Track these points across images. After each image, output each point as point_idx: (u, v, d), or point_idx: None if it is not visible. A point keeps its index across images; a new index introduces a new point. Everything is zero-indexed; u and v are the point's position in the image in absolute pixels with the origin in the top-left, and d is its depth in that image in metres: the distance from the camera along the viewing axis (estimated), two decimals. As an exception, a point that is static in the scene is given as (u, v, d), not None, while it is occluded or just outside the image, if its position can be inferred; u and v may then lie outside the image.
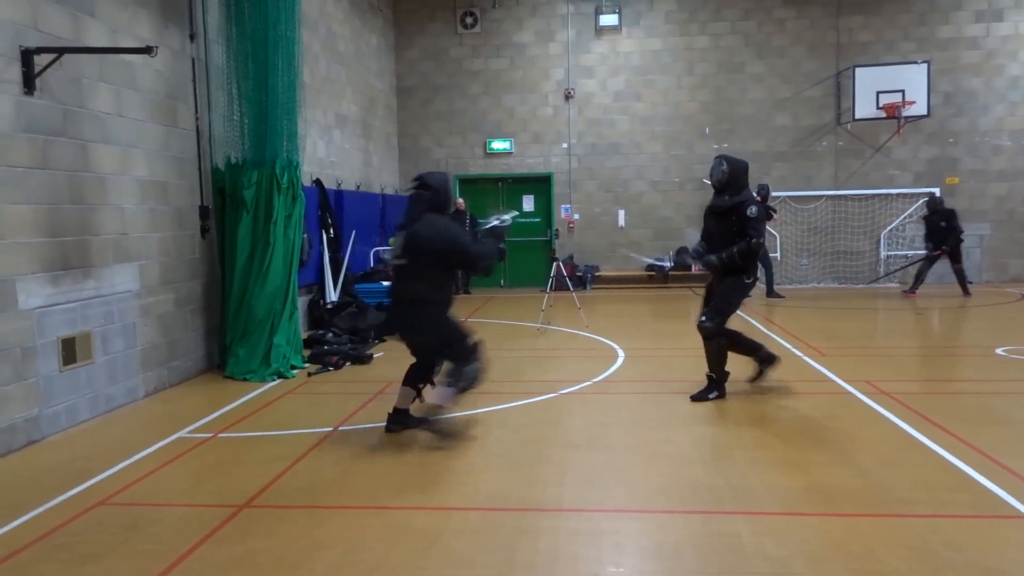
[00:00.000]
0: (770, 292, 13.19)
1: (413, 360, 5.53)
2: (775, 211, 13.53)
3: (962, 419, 5.60)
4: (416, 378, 5.50)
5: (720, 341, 6.30)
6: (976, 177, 15.06)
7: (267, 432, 5.74)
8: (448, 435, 5.27)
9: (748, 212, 6.05)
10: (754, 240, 6.03)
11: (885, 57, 14.97)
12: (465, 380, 5.21)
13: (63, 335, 5.81)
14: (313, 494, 4.41)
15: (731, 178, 6.14)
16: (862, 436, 5.30)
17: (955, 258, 13.03)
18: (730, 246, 6.08)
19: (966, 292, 13.00)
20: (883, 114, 14.47)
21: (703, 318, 6.29)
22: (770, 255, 15.15)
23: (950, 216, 12.96)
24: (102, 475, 4.77)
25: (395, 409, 5.50)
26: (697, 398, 6.33)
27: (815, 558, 3.46)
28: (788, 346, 8.47)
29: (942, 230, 12.87)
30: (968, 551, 3.50)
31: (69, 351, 5.86)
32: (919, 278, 13.37)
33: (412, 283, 5.18)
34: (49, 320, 5.67)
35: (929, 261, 13.25)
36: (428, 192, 5.26)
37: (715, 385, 6.36)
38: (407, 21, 15.73)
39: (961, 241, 13.04)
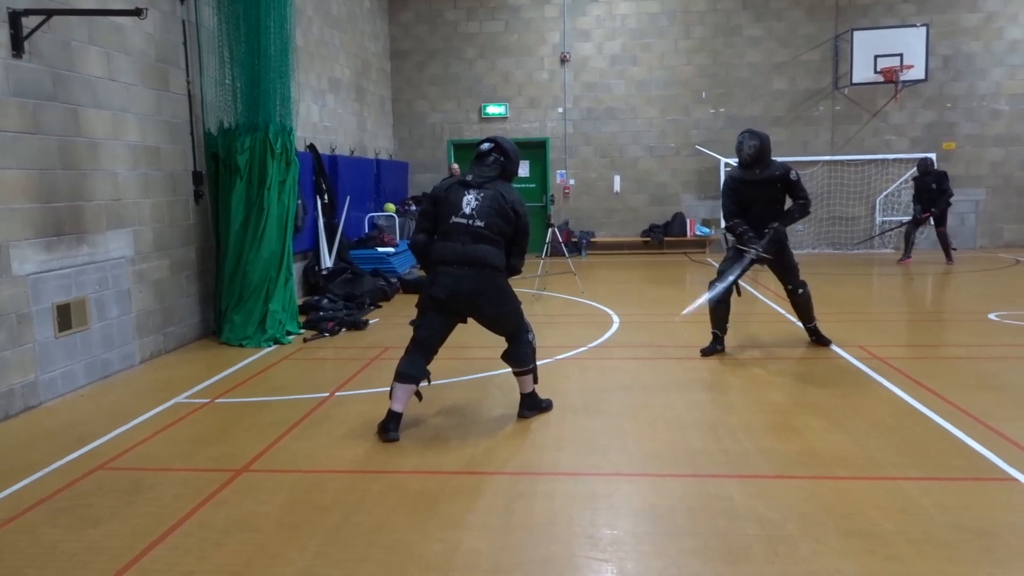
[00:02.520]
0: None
1: (410, 344, 4.85)
2: None
3: (954, 384, 5.65)
4: (418, 373, 4.77)
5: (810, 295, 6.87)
6: (973, 142, 15.01)
7: (264, 398, 5.77)
8: (551, 406, 5.24)
9: (792, 177, 6.54)
10: (808, 202, 6.73)
11: (884, 20, 14.82)
12: (530, 354, 4.98)
13: (58, 301, 5.79)
14: (311, 458, 4.45)
15: (761, 152, 6.48)
16: (855, 401, 5.35)
17: (941, 222, 12.92)
18: (778, 212, 6.66)
19: (949, 258, 12.92)
20: (881, 78, 14.36)
21: (800, 290, 6.78)
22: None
23: (942, 178, 12.81)
24: (101, 440, 4.80)
25: (391, 413, 4.74)
26: (817, 340, 6.95)
27: (807, 520, 3.51)
28: (783, 312, 8.51)
29: (933, 192, 12.75)
30: (958, 513, 3.55)
31: (64, 317, 5.85)
32: (909, 242, 13.34)
33: (488, 246, 4.70)
34: (44, 286, 5.65)
35: (915, 224, 13.14)
36: (502, 157, 4.89)
37: (812, 331, 6.99)
38: (401, -17, 15.49)
39: (949, 205, 12.95)
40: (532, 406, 5.13)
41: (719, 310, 6.76)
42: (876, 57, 14.34)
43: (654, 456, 4.41)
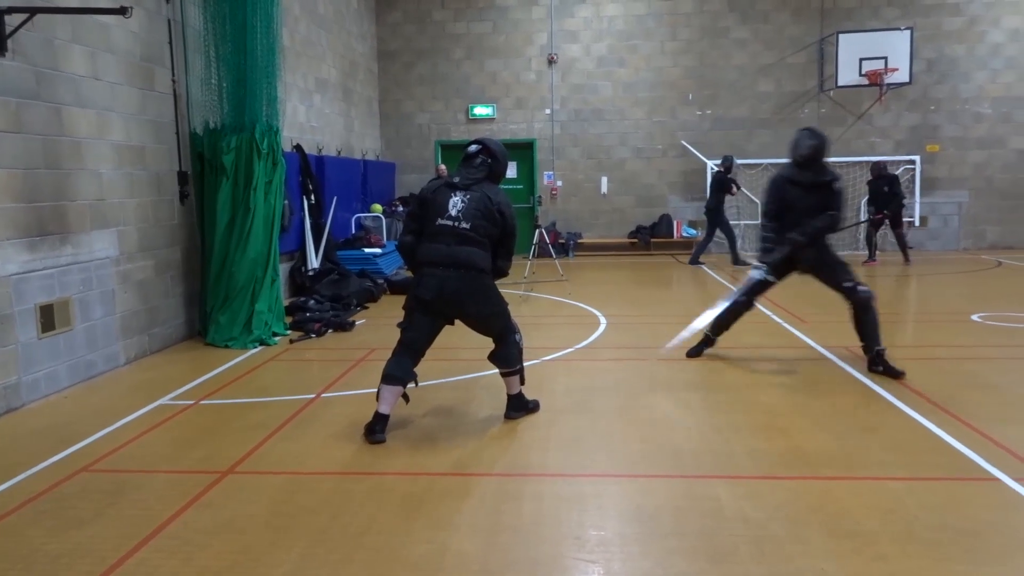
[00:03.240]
0: (736, 260, 13.26)
1: (397, 346, 4.83)
2: (738, 185, 13.52)
3: (938, 385, 5.69)
4: (405, 375, 4.75)
5: (875, 306, 6.07)
6: (956, 144, 15.15)
7: (250, 399, 5.74)
8: (536, 406, 5.23)
9: (837, 187, 6.09)
10: (840, 218, 6.17)
11: (869, 23, 14.92)
12: (517, 355, 4.98)
13: (41, 302, 5.74)
14: (297, 460, 4.43)
15: (818, 152, 6.05)
16: (841, 401, 5.38)
17: (896, 224, 13.18)
18: (805, 223, 6.06)
19: (907, 259, 13.13)
20: (866, 81, 14.47)
21: (859, 288, 5.98)
22: (749, 222, 15.24)
23: (893, 182, 13.12)
24: (85, 441, 4.76)
25: (378, 415, 4.73)
26: (882, 369, 5.93)
27: (793, 520, 3.53)
28: (770, 313, 8.55)
29: (885, 195, 13.00)
30: (942, 512, 3.58)
31: (48, 318, 5.80)
32: (871, 244, 13.57)
33: (473, 248, 4.70)
34: (26, 287, 5.59)
35: (873, 225, 13.40)
36: (489, 159, 4.89)
37: (878, 358, 6.00)
38: (388, -17, 15.46)
39: (903, 207, 13.21)
40: (519, 407, 5.13)
41: (728, 319, 6.57)
42: (861, 60, 14.45)
43: (641, 457, 4.42)
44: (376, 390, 4.80)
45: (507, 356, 4.98)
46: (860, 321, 6.03)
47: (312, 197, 10.58)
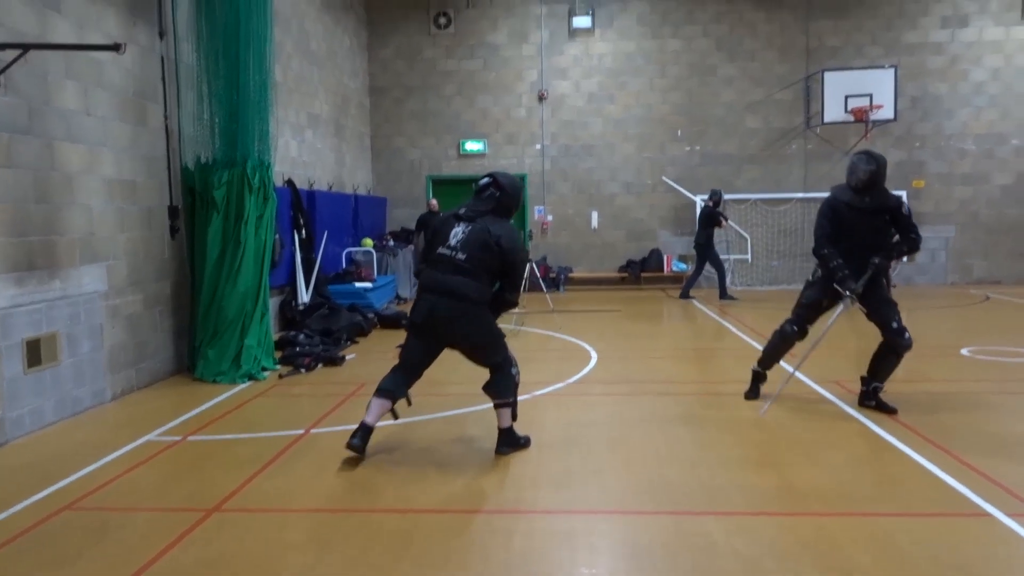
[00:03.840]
0: (723, 294, 13.32)
1: (394, 364, 5.08)
2: (726, 217, 13.62)
3: (929, 419, 5.69)
4: (396, 390, 4.94)
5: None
6: (941, 180, 15.34)
7: (238, 435, 5.68)
8: (526, 443, 5.18)
9: (905, 210, 5.86)
10: (919, 239, 5.90)
11: (854, 61, 15.18)
12: (511, 388, 4.98)
13: (28, 336, 5.69)
14: (284, 497, 4.37)
15: (877, 177, 5.74)
16: (832, 436, 5.37)
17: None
18: (879, 246, 5.79)
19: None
20: (852, 118, 14.68)
21: (907, 333, 5.84)
22: (738, 256, 15.33)
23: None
24: (69, 479, 4.69)
25: (363, 424, 4.89)
26: (875, 404, 5.93)
27: (785, 556, 3.50)
28: (760, 347, 8.55)
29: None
30: (934, 547, 3.56)
31: (34, 353, 5.75)
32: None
33: (465, 279, 4.80)
34: (13, 321, 5.55)
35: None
36: (499, 192, 4.93)
37: (873, 394, 5.99)
38: (380, 20, 15.66)
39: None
40: (510, 443, 5.10)
41: (782, 350, 6.26)
42: (847, 97, 14.67)
43: (632, 492, 4.39)
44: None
45: (500, 386, 4.99)
46: (883, 359, 5.94)
47: (303, 231, 10.60)
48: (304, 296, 10.32)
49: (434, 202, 14.67)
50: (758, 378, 6.43)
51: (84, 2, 6.41)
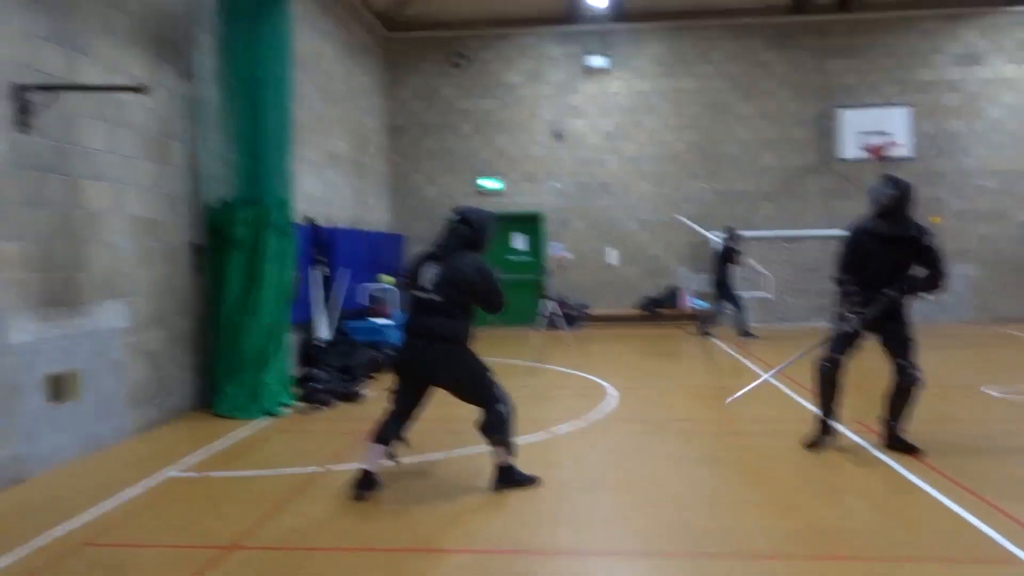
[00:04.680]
0: (743, 332, 13.23)
1: (389, 409, 5.10)
2: (740, 252, 13.58)
3: (953, 459, 5.59)
4: (389, 434, 5.00)
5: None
6: (961, 217, 15.25)
7: (256, 471, 5.67)
8: (529, 481, 5.12)
9: (930, 243, 5.56)
10: (945, 277, 5.61)
11: (868, 99, 15.23)
12: (503, 427, 4.97)
13: (50, 372, 5.74)
14: (302, 535, 4.35)
15: (899, 202, 5.56)
16: (855, 477, 5.29)
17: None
18: (900, 278, 5.60)
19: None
20: (868, 155, 14.68)
21: (913, 371, 5.62)
22: (759, 295, 15.25)
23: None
24: (88, 515, 4.69)
25: (364, 472, 4.94)
26: (901, 446, 5.70)
27: (811, 601, 3.43)
28: (781, 386, 8.47)
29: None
30: (964, 594, 3.48)
31: (56, 388, 5.79)
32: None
33: (442, 319, 4.88)
34: (36, 357, 5.61)
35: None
36: (467, 228, 5.02)
37: (895, 434, 5.80)
38: (399, 61, 15.92)
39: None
40: (507, 480, 5.07)
41: (826, 389, 5.91)
42: (862, 134, 14.69)
43: (654, 533, 4.33)
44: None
45: (489, 425, 4.99)
46: (894, 397, 5.76)
47: (323, 268, 10.67)
48: (323, 332, 10.36)
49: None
50: (820, 424, 6.00)
51: (112, 45, 6.57)
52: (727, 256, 13.29)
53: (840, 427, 6.58)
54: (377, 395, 8.48)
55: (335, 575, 3.79)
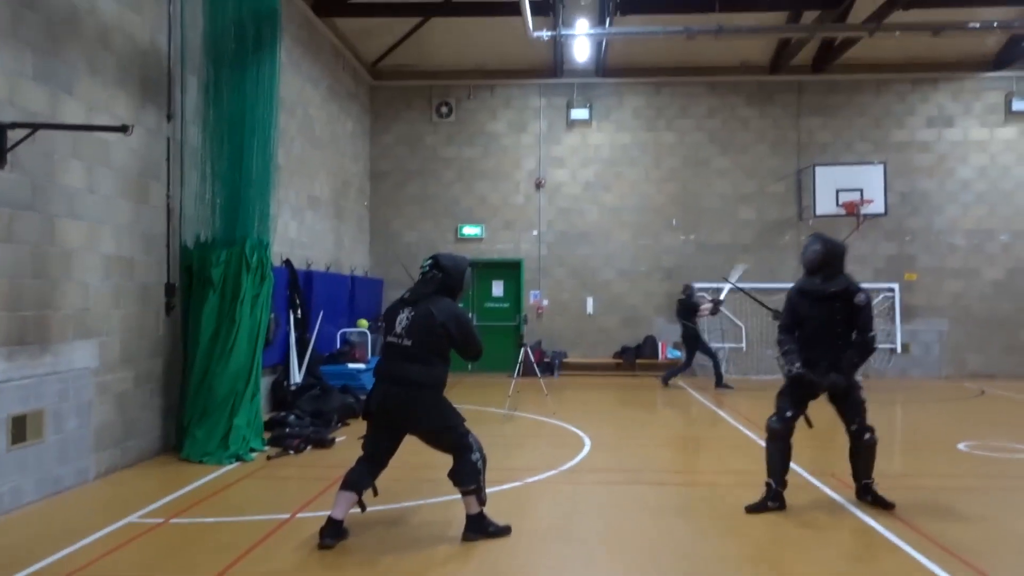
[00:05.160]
0: (719, 383, 13.28)
1: (359, 456, 5.04)
2: (714, 302, 13.64)
3: (927, 516, 5.58)
4: (360, 481, 4.91)
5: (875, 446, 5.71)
6: (933, 274, 15.50)
7: (221, 518, 5.54)
8: (502, 532, 5.03)
9: (858, 300, 5.54)
10: (871, 335, 5.61)
11: (843, 156, 15.57)
12: (475, 476, 4.90)
13: (14, 412, 5.61)
14: (267, 585, 4.23)
15: (825, 258, 5.64)
16: (829, 532, 5.26)
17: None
18: (836, 335, 5.60)
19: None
20: (843, 211, 14.94)
21: (866, 434, 5.65)
22: (735, 346, 15.33)
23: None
24: (46, 561, 4.55)
25: (331, 520, 4.86)
26: (871, 499, 5.72)
27: (783, 659, 3.37)
28: (754, 437, 8.46)
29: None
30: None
31: (19, 429, 5.66)
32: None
33: (414, 365, 4.85)
34: (1, 397, 5.48)
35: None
36: (441, 274, 5.00)
37: (866, 490, 5.79)
38: (383, 108, 16.09)
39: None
40: (478, 529, 4.98)
41: (774, 453, 5.78)
42: (838, 191, 14.97)
43: (625, 587, 4.26)
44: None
45: (460, 474, 4.94)
46: (854, 457, 5.81)
47: (299, 311, 10.60)
48: (296, 376, 10.24)
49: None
50: (767, 490, 5.79)
51: (96, 85, 6.59)
52: (688, 310, 13.44)
53: (814, 480, 6.57)
54: (350, 441, 8.37)
55: (298, 627, 3.68)
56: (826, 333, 5.62)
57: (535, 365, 12.58)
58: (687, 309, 13.48)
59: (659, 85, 15.96)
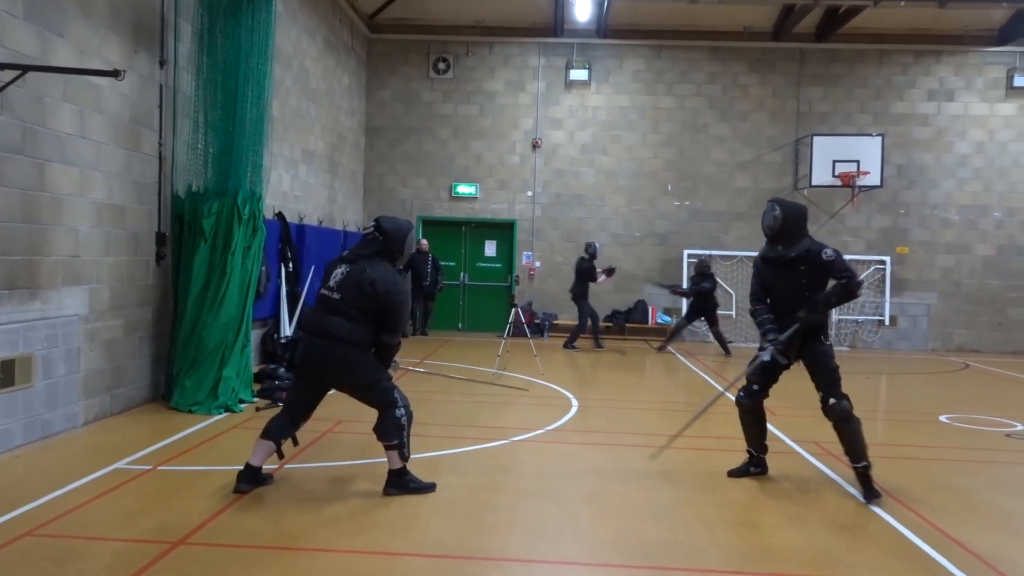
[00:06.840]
0: (570, 341, 13.64)
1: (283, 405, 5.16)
2: (608, 271, 13.69)
3: (907, 486, 5.67)
4: (280, 431, 4.98)
5: (855, 421, 5.38)
6: (925, 248, 15.55)
7: (209, 467, 5.58)
8: (424, 489, 5.07)
9: (826, 256, 5.32)
10: (852, 280, 5.34)
11: (842, 127, 15.50)
12: (398, 431, 4.94)
13: (3, 357, 5.61)
14: (253, 533, 4.28)
15: (784, 224, 5.43)
16: (810, 498, 5.34)
17: (713, 321, 13.51)
18: (804, 300, 5.35)
19: (727, 352, 13.46)
20: (839, 182, 14.92)
21: (831, 400, 5.36)
22: (725, 313, 15.40)
23: (713, 282, 13.55)
24: (32, 504, 4.58)
25: (248, 466, 4.95)
26: (866, 491, 5.34)
27: (759, 619, 3.45)
28: (740, 404, 8.54)
29: (706, 292, 13.34)
30: (908, 617, 3.52)
31: (7, 373, 5.66)
32: (674, 335, 13.98)
33: (338, 319, 4.85)
34: (-11, 340, 5.48)
35: (687, 320, 13.81)
36: (381, 238, 4.97)
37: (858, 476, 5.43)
38: (380, 63, 15.88)
39: (717, 306, 13.59)
40: (399, 485, 5.02)
41: (748, 425, 5.80)
42: (834, 162, 14.93)
43: (608, 545, 4.33)
44: (338, 462, 4.73)
45: (383, 429, 4.99)
46: (845, 441, 5.42)
47: (290, 265, 10.57)
48: (287, 329, 10.24)
49: (424, 243, 14.73)
50: (749, 457, 5.88)
51: (87, 29, 6.47)
52: (586, 273, 13.53)
53: (797, 447, 6.65)
54: (337, 394, 8.40)
55: (287, 575, 3.73)
56: (796, 299, 5.42)
57: (525, 326, 12.62)
58: (586, 271, 13.54)
59: (660, 48, 15.78)
